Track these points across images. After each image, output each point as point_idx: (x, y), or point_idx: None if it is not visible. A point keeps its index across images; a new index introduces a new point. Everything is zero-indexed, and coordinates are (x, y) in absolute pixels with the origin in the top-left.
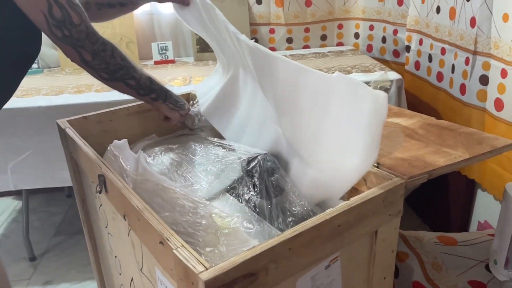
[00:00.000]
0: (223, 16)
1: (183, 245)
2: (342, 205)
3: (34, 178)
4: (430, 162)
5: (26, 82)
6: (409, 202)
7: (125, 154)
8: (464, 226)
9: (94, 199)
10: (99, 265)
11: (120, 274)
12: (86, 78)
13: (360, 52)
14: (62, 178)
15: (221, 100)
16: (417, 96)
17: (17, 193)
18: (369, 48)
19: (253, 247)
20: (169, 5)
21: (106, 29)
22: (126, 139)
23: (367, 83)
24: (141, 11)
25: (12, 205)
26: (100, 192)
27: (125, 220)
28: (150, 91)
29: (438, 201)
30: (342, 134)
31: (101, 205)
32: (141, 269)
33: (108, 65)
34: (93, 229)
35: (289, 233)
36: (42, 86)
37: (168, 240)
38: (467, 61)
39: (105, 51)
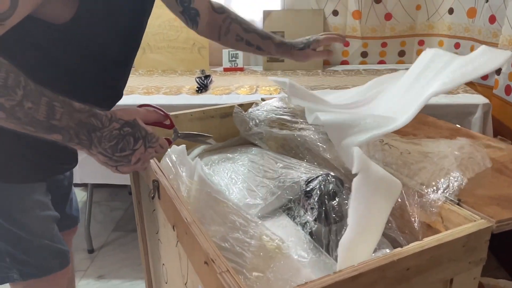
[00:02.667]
0: None
1: (228, 270)
2: (413, 246)
3: (99, 174)
4: None
5: None
6: None
7: (183, 160)
8: None
9: (149, 203)
10: (148, 268)
11: (166, 283)
12: (156, 80)
13: None
14: (124, 176)
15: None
16: (505, 123)
17: (84, 185)
18: None
19: (305, 283)
20: None
21: (180, 33)
22: (184, 145)
23: None
24: None
25: (79, 196)
26: (153, 197)
27: (173, 230)
28: (49, 130)
29: None
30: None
31: (154, 210)
32: (185, 284)
33: None
34: (146, 232)
35: (349, 271)
36: None
37: (214, 261)
38: None
39: None
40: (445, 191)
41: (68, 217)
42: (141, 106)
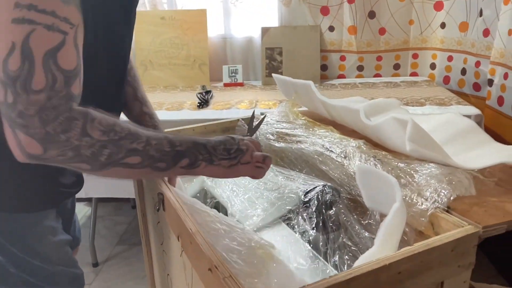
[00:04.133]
0: None
1: (230, 275)
2: (405, 251)
3: (104, 188)
4: (510, 211)
5: None
6: (482, 247)
7: None
8: None
9: (153, 215)
10: (153, 279)
11: None
12: (159, 96)
13: (436, 83)
14: (129, 190)
15: None
16: (499, 134)
17: (88, 200)
18: (446, 80)
19: (303, 286)
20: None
21: (181, 50)
22: None
23: None
24: (215, 34)
25: (83, 210)
26: (158, 209)
27: (178, 240)
28: (177, 158)
29: None
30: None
31: (158, 222)
32: None
33: (78, 149)
34: (150, 244)
35: (343, 275)
36: None
37: (217, 268)
38: None
39: (68, 131)
40: (435, 202)
41: (73, 239)
42: None
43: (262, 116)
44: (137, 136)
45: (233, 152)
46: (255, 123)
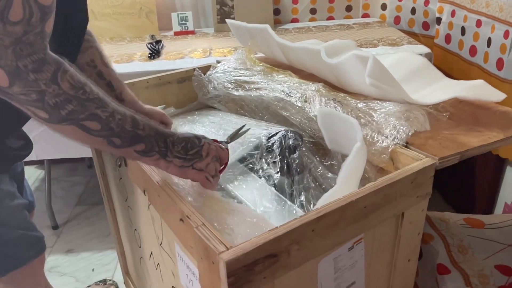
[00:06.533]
0: None
1: (203, 224)
2: (369, 186)
3: (56, 149)
4: (462, 143)
5: None
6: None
7: None
8: (489, 208)
9: (114, 172)
10: (119, 236)
11: (139, 247)
12: (105, 49)
13: (387, 24)
14: (83, 149)
15: None
16: (447, 71)
17: (40, 163)
18: (397, 20)
19: (276, 227)
20: None
21: None
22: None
23: None
24: None
25: (35, 174)
26: (119, 166)
27: (144, 195)
28: (134, 140)
29: (462, 180)
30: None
31: (121, 178)
32: (160, 244)
33: (43, 95)
34: (113, 201)
35: (313, 214)
36: None
37: (189, 217)
38: (506, 35)
39: (38, 72)
40: (395, 139)
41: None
42: None
43: (247, 128)
44: (104, 103)
45: (191, 153)
46: (238, 132)
